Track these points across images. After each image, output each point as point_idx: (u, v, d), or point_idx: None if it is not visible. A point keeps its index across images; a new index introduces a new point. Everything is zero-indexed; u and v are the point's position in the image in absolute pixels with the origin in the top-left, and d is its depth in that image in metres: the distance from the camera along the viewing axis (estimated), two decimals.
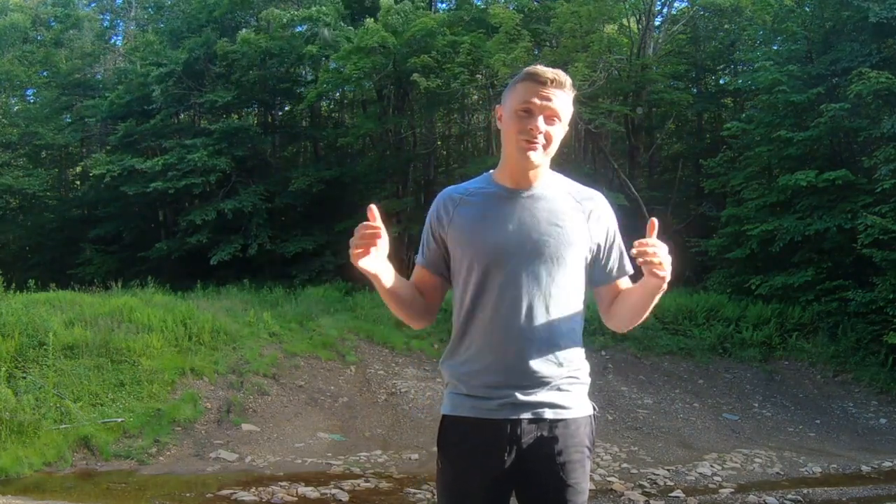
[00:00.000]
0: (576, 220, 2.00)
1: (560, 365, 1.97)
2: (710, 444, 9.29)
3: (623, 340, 12.02)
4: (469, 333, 2.00)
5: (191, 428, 8.95)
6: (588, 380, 2.06)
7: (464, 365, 2.00)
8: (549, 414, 1.95)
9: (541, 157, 1.95)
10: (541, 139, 1.93)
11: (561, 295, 1.97)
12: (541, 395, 1.94)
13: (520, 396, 1.93)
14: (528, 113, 1.93)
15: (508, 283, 1.94)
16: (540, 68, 1.97)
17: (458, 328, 2.03)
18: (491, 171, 2.08)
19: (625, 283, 2.07)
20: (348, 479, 7.61)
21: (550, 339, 1.96)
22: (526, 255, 1.95)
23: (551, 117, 1.94)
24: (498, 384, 1.94)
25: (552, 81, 1.93)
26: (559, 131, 1.97)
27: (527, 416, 1.93)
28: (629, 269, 2.06)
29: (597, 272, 2.05)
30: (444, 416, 2.04)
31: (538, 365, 1.94)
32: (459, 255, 2.01)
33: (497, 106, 2.05)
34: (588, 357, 2.09)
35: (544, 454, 1.94)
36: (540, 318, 1.95)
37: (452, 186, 2.11)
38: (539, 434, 1.94)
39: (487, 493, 1.98)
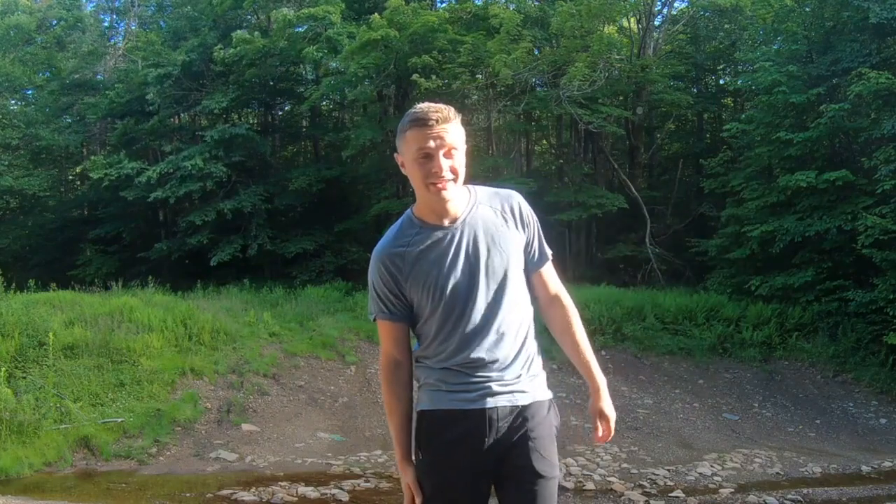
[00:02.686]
0: (508, 231, 2.19)
1: (526, 360, 2.21)
2: (710, 444, 9.29)
3: (623, 340, 12.03)
4: (443, 345, 2.16)
5: (191, 428, 8.96)
6: (544, 371, 2.30)
7: (440, 371, 2.17)
8: (522, 399, 2.17)
9: (454, 191, 2.11)
10: (448, 175, 2.07)
11: (519, 302, 2.20)
12: (512, 385, 2.17)
13: (495, 387, 2.14)
14: (427, 157, 2.06)
15: (472, 307, 2.13)
16: (421, 112, 2.07)
17: (431, 342, 2.19)
18: (410, 209, 2.21)
19: (546, 268, 2.30)
20: (348, 479, 7.62)
21: (513, 340, 2.18)
22: (480, 280, 2.13)
23: (449, 151, 2.07)
24: (474, 379, 2.14)
25: (437, 120, 2.05)
26: (461, 159, 2.12)
27: (503, 403, 2.14)
28: (548, 255, 2.30)
29: (527, 264, 2.26)
30: (422, 412, 2.21)
31: (508, 362, 2.17)
32: (419, 298, 2.16)
33: (396, 154, 2.17)
34: None
35: (522, 435, 2.15)
36: (504, 325, 2.16)
37: (385, 243, 2.19)
38: (513, 417, 2.15)
39: (469, 478, 2.14)
